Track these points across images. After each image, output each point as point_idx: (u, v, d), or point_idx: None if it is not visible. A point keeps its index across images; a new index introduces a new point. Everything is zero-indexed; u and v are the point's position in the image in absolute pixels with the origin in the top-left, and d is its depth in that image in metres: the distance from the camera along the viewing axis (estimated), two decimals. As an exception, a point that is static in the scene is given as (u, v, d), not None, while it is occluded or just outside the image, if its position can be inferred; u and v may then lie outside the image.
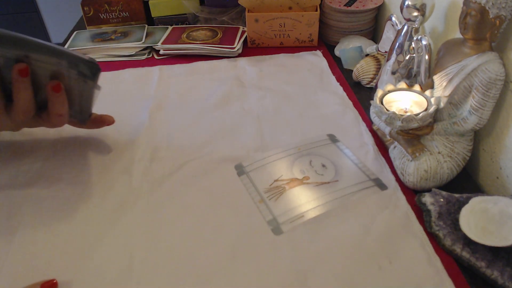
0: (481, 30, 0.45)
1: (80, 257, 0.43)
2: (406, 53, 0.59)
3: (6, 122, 0.49)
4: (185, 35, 0.84)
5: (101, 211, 0.48)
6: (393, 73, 0.61)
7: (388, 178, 0.52)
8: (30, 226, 0.46)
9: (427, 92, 0.50)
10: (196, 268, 0.42)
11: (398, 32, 0.60)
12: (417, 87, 0.51)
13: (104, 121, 0.56)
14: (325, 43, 0.85)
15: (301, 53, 0.81)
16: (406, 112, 0.49)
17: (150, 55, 0.82)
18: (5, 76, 0.46)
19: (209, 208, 0.48)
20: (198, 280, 0.41)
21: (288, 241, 0.44)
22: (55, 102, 0.48)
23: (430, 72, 0.54)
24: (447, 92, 0.48)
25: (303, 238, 0.44)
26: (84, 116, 0.53)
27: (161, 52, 0.81)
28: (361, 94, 0.69)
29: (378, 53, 0.72)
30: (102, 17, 0.89)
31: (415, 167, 0.49)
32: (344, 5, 0.79)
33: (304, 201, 0.48)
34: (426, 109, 0.47)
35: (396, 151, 0.53)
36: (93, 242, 0.45)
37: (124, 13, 0.89)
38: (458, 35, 0.49)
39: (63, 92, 0.48)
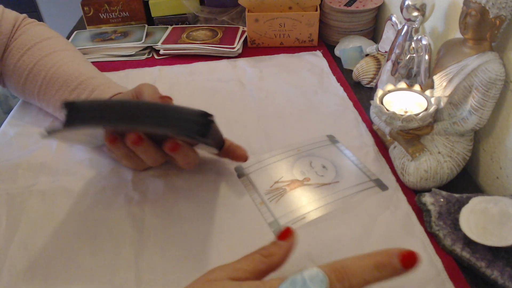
0: (481, 30, 0.45)
1: (80, 257, 0.43)
2: (406, 53, 0.59)
3: (143, 164, 0.50)
4: (185, 35, 0.84)
5: (102, 210, 0.48)
6: (393, 73, 0.61)
7: (388, 178, 0.52)
8: (30, 224, 0.47)
9: (427, 92, 0.50)
10: (196, 271, 0.42)
11: (398, 32, 0.60)
12: (417, 87, 0.51)
13: (236, 156, 0.51)
14: (325, 43, 0.85)
15: (301, 53, 0.81)
16: (406, 112, 0.49)
17: (150, 55, 0.82)
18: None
19: (209, 210, 0.48)
20: (198, 280, 0.41)
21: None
22: (177, 158, 0.47)
23: (430, 72, 0.54)
24: (447, 92, 0.48)
25: (305, 240, 0.44)
26: (219, 144, 0.50)
27: (161, 52, 0.81)
28: (361, 94, 0.69)
29: (378, 53, 0.72)
30: (102, 17, 0.89)
31: (415, 167, 0.49)
32: (344, 5, 0.79)
33: (305, 202, 0.49)
34: (426, 109, 0.48)
35: (396, 151, 0.53)
36: (95, 241, 0.45)
37: (124, 13, 0.89)
38: (458, 35, 0.49)
39: (181, 148, 0.45)
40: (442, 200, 0.45)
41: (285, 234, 0.35)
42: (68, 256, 0.43)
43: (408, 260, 0.28)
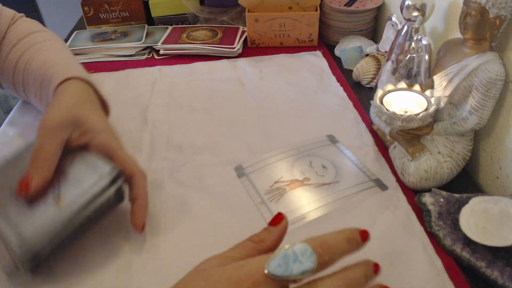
0: (481, 30, 0.45)
1: (80, 258, 0.43)
2: (406, 53, 0.59)
3: None
4: (185, 35, 0.84)
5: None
6: (393, 73, 0.61)
7: (388, 178, 0.52)
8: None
9: (427, 92, 0.50)
10: (196, 269, 0.42)
11: (398, 32, 0.60)
12: (417, 87, 0.51)
13: (133, 219, 0.44)
14: (325, 43, 0.85)
15: (301, 53, 0.81)
16: (406, 112, 0.49)
17: (150, 55, 0.82)
18: None
19: (209, 210, 0.48)
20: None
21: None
22: None
23: (430, 72, 0.54)
24: (447, 92, 0.48)
25: (304, 239, 0.44)
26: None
27: (161, 52, 0.81)
28: (361, 94, 0.69)
29: (378, 53, 0.72)
30: (102, 17, 0.89)
31: (415, 167, 0.49)
32: (344, 5, 0.79)
33: (305, 202, 0.49)
34: (426, 109, 0.48)
35: (396, 151, 0.53)
36: (94, 241, 0.45)
37: (124, 13, 0.89)
38: (458, 35, 0.48)
39: None
40: (442, 200, 0.45)
41: (276, 220, 0.35)
42: (67, 256, 0.43)
43: (364, 236, 0.32)
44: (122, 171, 0.43)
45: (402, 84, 0.51)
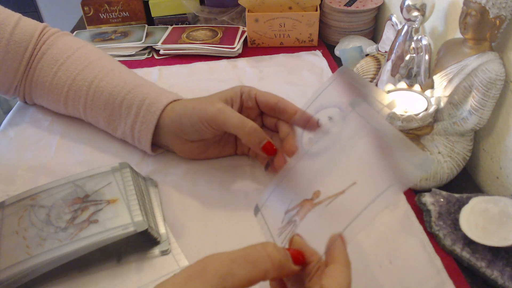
0: (481, 30, 0.45)
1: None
2: (406, 53, 0.59)
3: None
4: (185, 35, 0.84)
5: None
6: (393, 73, 0.61)
7: (388, 178, 0.52)
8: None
9: (427, 92, 0.50)
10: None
11: (398, 32, 0.60)
12: (417, 87, 0.51)
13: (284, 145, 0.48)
14: (325, 43, 0.85)
15: (301, 53, 0.81)
16: (406, 112, 0.49)
17: (150, 55, 0.82)
18: None
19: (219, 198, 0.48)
20: None
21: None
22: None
23: (430, 72, 0.54)
24: (447, 92, 0.48)
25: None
26: None
27: (161, 52, 0.81)
28: (361, 94, 0.69)
29: (378, 53, 0.72)
30: (102, 17, 0.89)
31: (415, 167, 0.49)
32: (344, 5, 0.79)
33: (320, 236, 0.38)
34: (426, 109, 0.48)
35: (396, 151, 0.53)
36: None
37: (124, 13, 0.89)
38: (458, 35, 0.49)
39: None
40: (442, 200, 0.45)
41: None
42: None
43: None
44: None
45: (402, 84, 0.51)
